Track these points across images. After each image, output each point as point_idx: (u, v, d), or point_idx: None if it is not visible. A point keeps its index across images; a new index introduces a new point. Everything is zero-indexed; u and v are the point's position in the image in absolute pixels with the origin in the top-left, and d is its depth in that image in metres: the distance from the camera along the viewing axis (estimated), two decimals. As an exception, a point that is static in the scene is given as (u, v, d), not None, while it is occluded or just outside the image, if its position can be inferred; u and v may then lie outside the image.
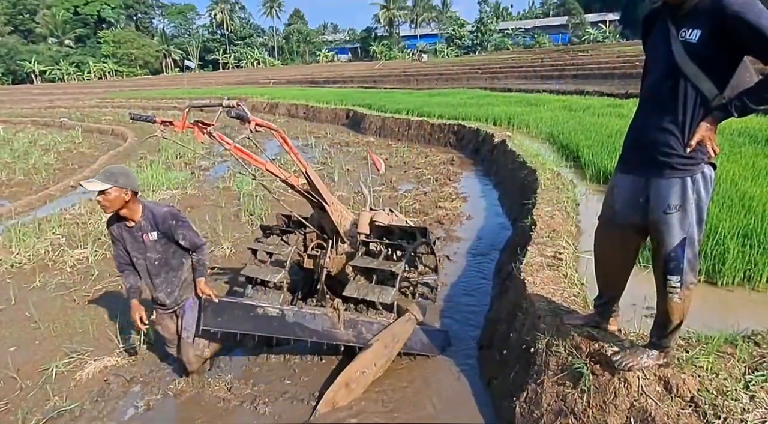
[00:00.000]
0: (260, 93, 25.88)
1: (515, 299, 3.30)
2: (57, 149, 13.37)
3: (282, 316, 3.14)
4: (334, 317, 3.19)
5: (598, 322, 2.54)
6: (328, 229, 3.56)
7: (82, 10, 72.80)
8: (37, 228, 6.20)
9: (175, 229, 2.89)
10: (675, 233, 1.94)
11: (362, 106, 16.40)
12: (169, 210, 2.92)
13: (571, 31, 63.64)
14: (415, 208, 6.54)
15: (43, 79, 67.14)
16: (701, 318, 2.65)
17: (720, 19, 1.73)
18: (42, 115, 23.37)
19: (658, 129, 1.94)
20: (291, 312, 3.17)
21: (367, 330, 3.18)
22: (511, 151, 7.72)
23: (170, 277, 2.99)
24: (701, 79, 1.83)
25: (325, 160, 10.28)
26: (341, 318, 3.18)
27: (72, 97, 34.80)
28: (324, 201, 3.27)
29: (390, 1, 75.34)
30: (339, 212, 3.45)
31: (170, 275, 2.99)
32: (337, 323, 3.18)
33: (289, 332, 3.17)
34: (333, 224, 3.41)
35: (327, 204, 3.29)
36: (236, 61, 77.33)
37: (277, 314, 3.14)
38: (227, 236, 5.61)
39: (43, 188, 8.95)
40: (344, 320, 3.19)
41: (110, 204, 2.69)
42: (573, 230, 4.45)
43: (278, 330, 3.16)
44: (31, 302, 4.29)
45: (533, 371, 2.63)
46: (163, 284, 2.99)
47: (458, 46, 64.30)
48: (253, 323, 3.14)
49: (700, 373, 2.15)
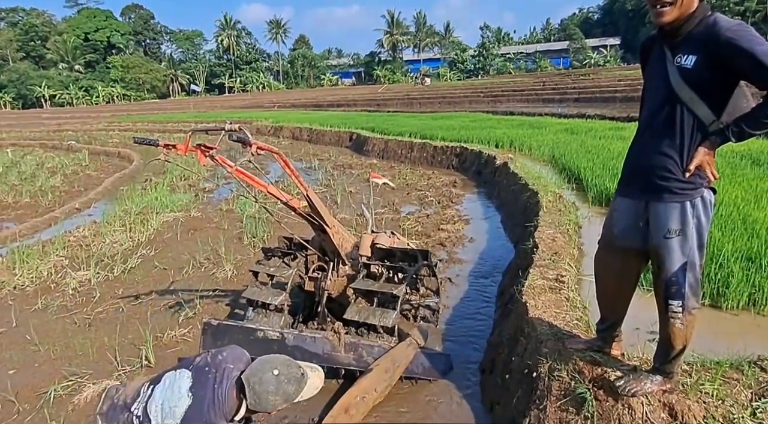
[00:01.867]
0: (265, 116, 26.20)
1: (517, 322, 3.27)
2: (64, 172, 13.51)
3: (282, 339, 3.12)
4: (334, 341, 3.17)
5: (600, 346, 2.51)
6: (329, 251, 3.56)
7: (93, 37, 74.60)
8: (41, 250, 6.22)
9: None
10: (675, 257, 1.93)
11: (366, 129, 16.56)
12: None
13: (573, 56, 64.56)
14: (418, 231, 6.54)
15: (53, 104, 68.35)
16: (706, 343, 2.61)
17: (714, 45, 1.76)
18: (50, 139, 23.70)
19: (657, 153, 1.96)
20: (291, 335, 3.15)
21: (367, 354, 3.15)
22: (513, 173, 7.75)
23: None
24: (697, 103, 1.85)
25: (328, 182, 10.33)
26: (342, 341, 3.16)
27: (80, 121, 35.31)
28: (325, 223, 3.28)
29: (393, 26, 76.79)
30: (340, 234, 3.46)
31: None
32: (338, 346, 3.15)
33: (289, 356, 3.13)
34: (334, 246, 3.42)
35: (328, 226, 3.30)
36: (242, 85, 78.56)
37: (277, 337, 3.12)
38: (229, 258, 5.61)
39: (48, 211, 9.01)
40: (345, 343, 3.16)
41: None
42: (575, 253, 4.44)
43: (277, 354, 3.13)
44: (32, 325, 4.27)
45: (536, 396, 2.59)
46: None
47: (461, 70, 65.28)
48: (253, 346, 3.11)
49: (706, 399, 2.11)
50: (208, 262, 5.69)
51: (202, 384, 1.81)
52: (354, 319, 3.24)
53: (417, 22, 79.63)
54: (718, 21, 1.78)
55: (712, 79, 1.82)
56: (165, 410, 1.79)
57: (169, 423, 1.77)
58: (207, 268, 5.52)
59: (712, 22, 1.79)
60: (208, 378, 1.83)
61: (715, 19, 1.79)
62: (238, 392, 1.82)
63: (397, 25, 77.34)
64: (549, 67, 60.81)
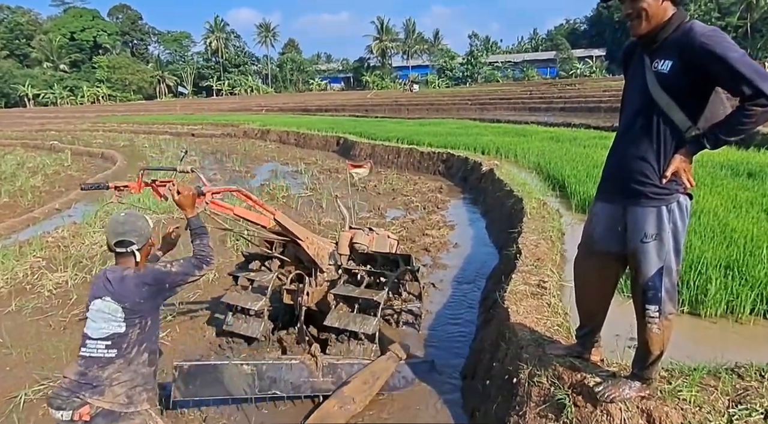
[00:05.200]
0: (252, 120, 26.07)
1: (499, 328, 3.26)
2: (45, 172, 13.25)
3: (256, 372, 3.00)
4: (311, 365, 3.07)
5: (580, 352, 2.51)
6: (305, 261, 3.53)
7: (79, 36, 73.67)
8: (18, 251, 6.08)
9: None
10: (652, 261, 1.94)
11: (353, 134, 16.55)
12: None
13: (559, 65, 65.35)
14: (403, 236, 6.52)
15: (36, 103, 67.28)
16: (684, 349, 2.63)
17: (689, 50, 1.78)
18: (32, 138, 23.27)
19: (635, 158, 1.97)
20: (265, 366, 3.04)
21: (347, 374, 3.09)
22: (499, 180, 7.79)
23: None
24: (674, 109, 1.87)
25: (314, 186, 10.29)
26: (319, 365, 3.08)
27: (64, 121, 34.76)
28: (298, 238, 3.27)
29: (383, 32, 77.09)
30: (315, 244, 3.43)
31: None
32: (315, 371, 3.07)
33: (266, 389, 3.03)
34: (309, 256, 3.40)
35: (301, 240, 3.28)
36: (230, 88, 78.12)
37: (251, 371, 3.00)
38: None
39: (27, 211, 8.82)
40: (322, 365, 3.08)
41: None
42: (558, 259, 4.46)
43: (254, 389, 3.01)
44: (5, 327, 4.16)
45: (516, 402, 2.58)
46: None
47: (449, 77, 65.65)
48: (228, 383, 3.00)
49: (684, 406, 2.12)
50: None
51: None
52: (334, 325, 3.20)
53: (406, 29, 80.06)
54: (694, 27, 1.80)
55: (688, 85, 1.83)
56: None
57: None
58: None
59: (689, 28, 1.81)
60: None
61: (692, 25, 1.82)
62: (120, 256, 2.15)
63: (387, 32, 77.64)
64: (536, 77, 61.48)
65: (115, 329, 2.03)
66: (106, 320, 2.04)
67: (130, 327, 2.05)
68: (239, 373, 2.99)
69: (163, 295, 2.16)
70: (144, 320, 2.08)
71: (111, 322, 2.04)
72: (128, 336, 2.04)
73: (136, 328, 2.06)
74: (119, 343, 2.03)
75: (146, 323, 2.09)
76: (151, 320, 2.12)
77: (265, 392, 3.03)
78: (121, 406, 2.02)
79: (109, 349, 2.03)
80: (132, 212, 2.24)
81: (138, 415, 2.06)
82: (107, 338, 2.04)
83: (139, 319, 2.06)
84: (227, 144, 20.21)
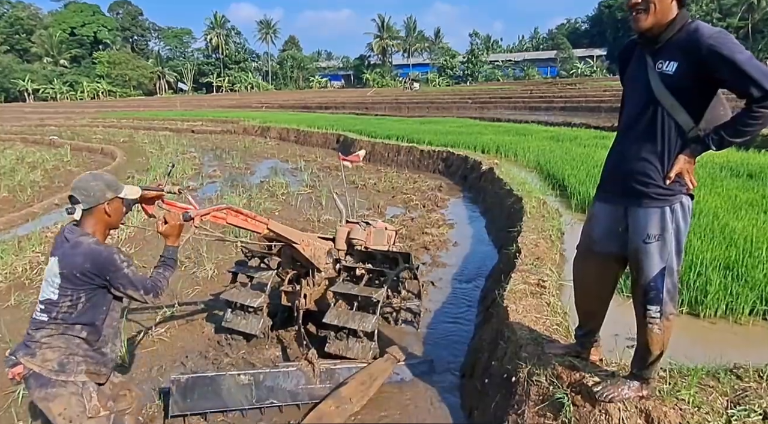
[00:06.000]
0: (252, 116, 26.02)
1: (498, 326, 3.26)
2: (44, 167, 13.23)
3: (254, 382, 2.98)
4: (309, 372, 3.06)
5: (579, 352, 2.51)
6: (302, 261, 3.52)
7: (79, 31, 73.53)
8: (17, 246, 6.07)
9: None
10: (654, 262, 1.93)
11: (353, 132, 16.53)
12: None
13: (560, 65, 65.36)
14: (402, 234, 6.52)
15: (36, 98, 67.14)
16: (683, 350, 2.63)
17: (695, 52, 1.78)
18: (32, 133, 23.22)
19: (637, 159, 1.96)
20: (262, 375, 3.02)
21: (345, 379, 3.08)
22: (499, 179, 7.78)
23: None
24: (678, 110, 1.86)
25: (313, 183, 10.28)
26: (317, 371, 3.06)
27: (63, 116, 34.71)
28: (292, 242, 3.26)
29: (384, 30, 76.98)
30: (311, 245, 3.42)
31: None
32: (313, 377, 3.05)
33: (264, 398, 3.00)
34: (306, 258, 3.39)
35: (296, 243, 3.28)
36: (230, 85, 78.00)
37: (249, 381, 2.98)
38: (211, 258, 5.53)
39: (26, 206, 8.80)
40: (320, 371, 3.07)
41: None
42: (557, 258, 4.46)
43: (251, 400, 2.98)
44: (3, 322, 4.15)
45: (514, 401, 2.58)
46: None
47: (449, 75, 65.66)
48: (225, 397, 2.96)
49: (682, 406, 2.12)
50: (188, 261, 5.60)
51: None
52: (333, 323, 3.20)
53: (407, 27, 79.94)
54: (700, 28, 1.79)
55: (693, 86, 1.83)
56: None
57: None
58: (188, 267, 5.44)
59: (694, 28, 1.80)
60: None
61: (697, 26, 1.81)
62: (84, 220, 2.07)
63: (388, 30, 77.53)
64: (536, 76, 61.51)
65: (49, 295, 2.01)
66: (47, 284, 2.02)
67: (62, 297, 1.99)
68: (236, 384, 2.95)
69: (97, 283, 2.01)
70: (76, 293, 1.99)
71: (49, 286, 2.01)
72: (59, 305, 1.99)
73: (67, 299, 1.99)
74: (50, 310, 2.00)
75: (78, 297, 1.99)
76: (86, 298, 2.01)
77: (263, 402, 3.00)
78: (50, 372, 1.97)
79: (42, 313, 2.01)
80: (98, 173, 2.17)
81: (71, 385, 1.99)
82: (43, 301, 2.02)
83: (72, 291, 1.98)
84: (227, 141, 20.20)
